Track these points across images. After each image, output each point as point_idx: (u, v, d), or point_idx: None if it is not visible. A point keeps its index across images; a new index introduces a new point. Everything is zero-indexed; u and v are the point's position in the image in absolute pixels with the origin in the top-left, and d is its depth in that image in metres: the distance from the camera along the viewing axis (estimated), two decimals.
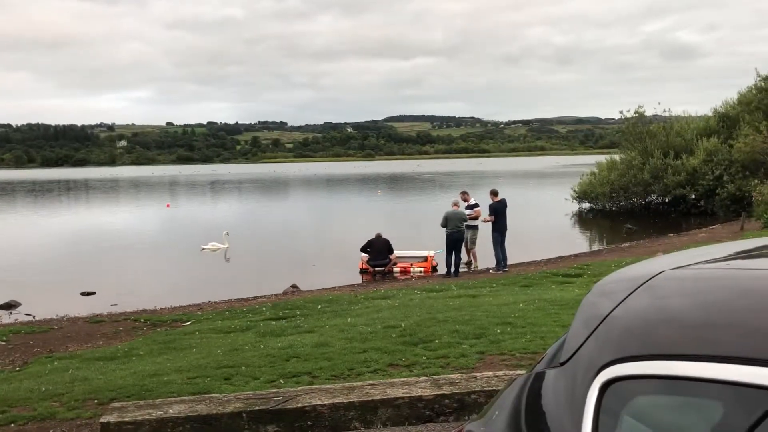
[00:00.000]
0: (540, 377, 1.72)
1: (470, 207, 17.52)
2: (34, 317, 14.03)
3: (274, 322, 10.15)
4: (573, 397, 1.45)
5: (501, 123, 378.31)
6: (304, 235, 28.69)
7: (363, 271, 18.07)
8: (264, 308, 11.87)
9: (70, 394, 5.96)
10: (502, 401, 1.85)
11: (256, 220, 36.19)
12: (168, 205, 47.73)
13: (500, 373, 3.65)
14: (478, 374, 4.06)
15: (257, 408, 3.54)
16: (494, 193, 16.56)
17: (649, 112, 34.47)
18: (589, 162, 47.91)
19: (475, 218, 17.34)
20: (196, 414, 3.40)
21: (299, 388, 4.04)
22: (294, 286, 16.09)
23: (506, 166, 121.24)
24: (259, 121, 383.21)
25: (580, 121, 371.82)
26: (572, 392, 1.47)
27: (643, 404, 1.30)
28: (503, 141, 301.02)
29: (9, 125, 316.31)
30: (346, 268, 18.71)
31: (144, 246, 26.21)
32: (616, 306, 1.45)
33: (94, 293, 16.60)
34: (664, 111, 35.34)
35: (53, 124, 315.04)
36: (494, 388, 3.74)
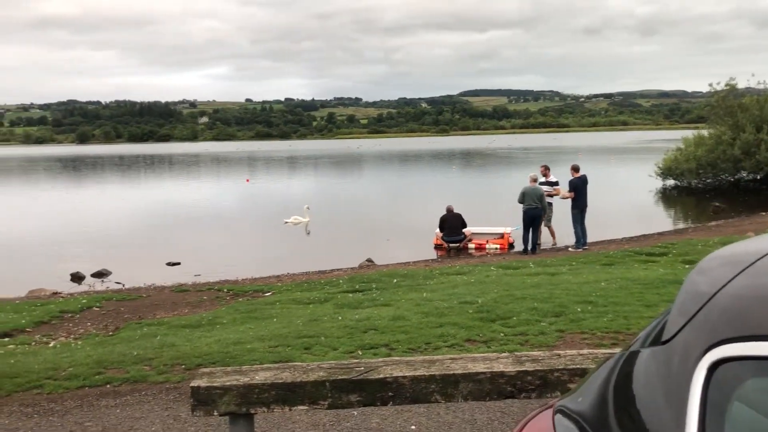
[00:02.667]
0: (634, 356, 1.65)
1: (550, 184, 17.08)
2: (123, 285, 14.73)
3: (351, 295, 10.29)
4: (673, 378, 1.39)
5: (581, 96, 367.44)
6: (379, 210, 28.85)
7: (437, 247, 18.03)
8: (341, 281, 12.04)
9: (159, 358, 6.23)
10: (594, 380, 1.80)
11: (333, 194, 36.64)
12: (248, 180, 48.97)
13: (584, 351, 3.56)
14: (561, 352, 3.96)
15: (340, 377, 3.56)
16: (575, 169, 16.12)
17: (741, 85, 32.61)
18: (674, 137, 45.94)
19: (554, 196, 16.91)
20: (281, 381, 3.46)
21: (380, 360, 4.04)
22: (369, 260, 16.23)
23: (586, 141, 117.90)
24: (335, 97, 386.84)
25: (664, 94, 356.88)
26: (673, 372, 1.40)
27: (757, 387, 1.23)
28: (583, 115, 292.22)
29: (98, 102, 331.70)
30: (420, 243, 18.71)
31: (225, 219, 27.01)
32: (729, 282, 1.37)
33: (178, 263, 17.26)
34: (759, 83, 33.34)
35: (139, 100, 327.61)
36: (578, 366, 3.65)
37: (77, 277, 16.06)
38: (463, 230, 17.60)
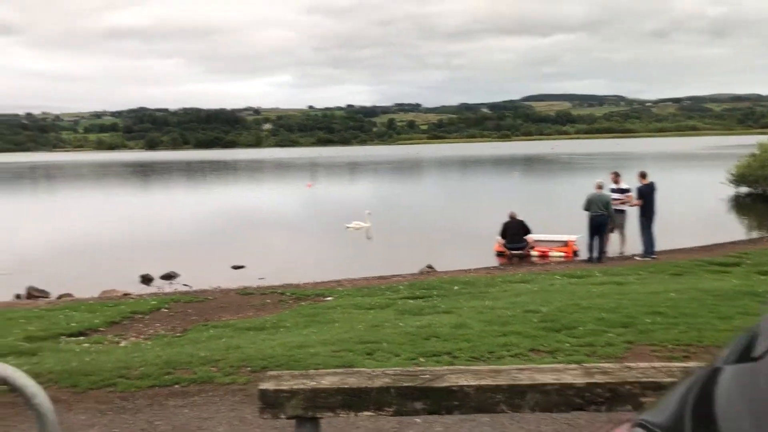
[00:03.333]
0: (717, 373, 1.58)
1: (621, 191, 16.57)
2: (190, 287, 15.12)
3: (411, 301, 10.27)
4: (763, 400, 1.32)
5: (648, 101, 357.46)
6: (439, 216, 28.75)
7: (499, 254, 17.83)
8: (401, 287, 12.04)
9: (225, 360, 6.36)
10: (674, 396, 1.73)
11: (393, 200, 36.74)
12: (309, 185, 49.63)
13: (657, 364, 3.45)
14: (632, 364, 3.85)
15: (405, 384, 3.55)
16: (643, 176, 15.68)
17: None
18: (748, 143, 44.13)
19: (625, 203, 16.36)
20: (347, 386, 3.47)
21: (445, 368, 4.00)
22: (429, 267, 16.18)
23: (652, 147, 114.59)
24: (395, 103, 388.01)
25: (737, 98, 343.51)
26: (763, 393, 1.33)
27: None
28: (650, 120, 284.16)
29: (167, 110, 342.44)
30: (481, 250, 18.54)
31: (287, 223, 27.45)
32: None
33: (243, 267, 17.61)
34: None
35: (205, 108, 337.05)
36: (650, 379, 3.54)
37: (147, 279, 16.57)
38: (526, 237, 17.36)
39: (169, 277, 16.70)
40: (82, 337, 9.18)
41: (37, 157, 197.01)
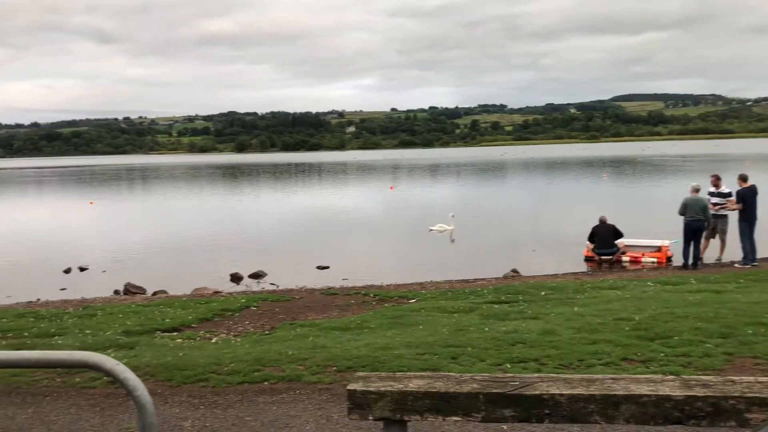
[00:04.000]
0: None
1: (722, 195, 15.72)
2: (277, 286, 15.49)
3: (496, 306, 10.12)
4: None
5: (748, 100, 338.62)
6: (524, 219, 28.25)
7: (588, 259, 17.32)
8: (485, 291, 11.89)
9: (312, 359, 6.46)
10: None
11: (477, 203, 36.41)
12: (391, 188, 49.90)
13: (763, 379, 3.24)
14: (735, 378, 3.64)
15: (494, 391, 3.48)
16: (743, 179, 14.85)
17: None
18: None
19: (726, 208, 15.49)
20: (434, 390, 3.44)
21: (535, 375, 3.91)
22: (514, 271, 15.92)
23: (753, 149, 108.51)
24: (479, 105, 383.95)
25: None
26: None
27: None
28: (750, 120, 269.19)
29: (255, 113, 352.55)
30: (568, 255, 18.08)
31: (370, 225, 27.68)
32: None
33: (327, 267, 17.89)
34: None
35: (291, 111, 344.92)
36: (756, 395, 3.33)
37: (236, 278, 17.10)
38: (616, 242, 16.79)
39: (257, 276, 17.17)
40: (175, 333, 9.56)
41: (134, 159, 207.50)
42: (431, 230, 23.66)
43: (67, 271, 18.89)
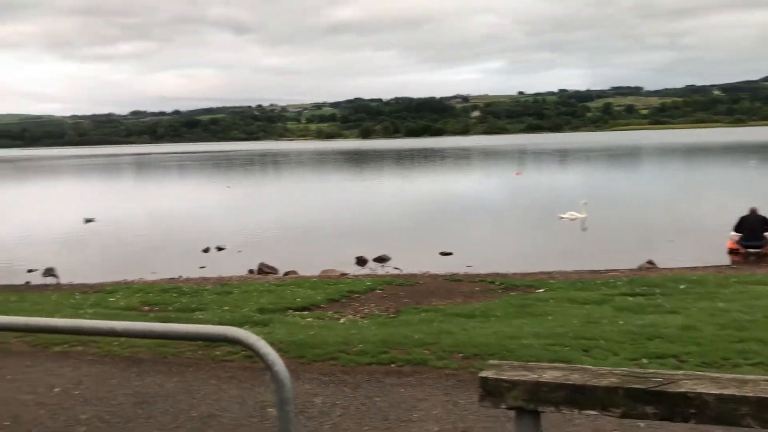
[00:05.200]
0: None
1: None
2: (401, 271, 15.64)
3: (630, 298, 9.66)
4: None
5: None
6: (661, 208, 26.74)
7: (732, 252, 16.13)
8: (619, 282, 11.38)
9: (437, 344, 6.46)
10: None
11: (609, 190, 34.93)
12: (518, 173, 48.93)
13: None
14: None
15: (635, 386, 3.28)
16: None
17: None
18: None
19: None
20: (570, 383, 3.28)
21: (680, 372, 3.65)
22: (650, 262, 15.12)
23: None
24: (612, 87, 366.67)
25: None
26: None
27: None
28: None
29: (380, 99, 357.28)
30: (709, 247, 16.94)
31: (495, 211, 27.30)
32: None
33: (451, 253, 17.84)
34: None
35: (415, 97, 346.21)
36: None
37: (361, 261, 17.46)
38: (766, 234, 15.51)
39: (381, 260, 17.43)
40: (306, 312, 9.91)
41: (266, 145, 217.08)
42: (562, 218, 22.97)
43: (206, 250, 20.09)
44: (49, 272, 16.05)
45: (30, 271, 17.30)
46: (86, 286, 14.39)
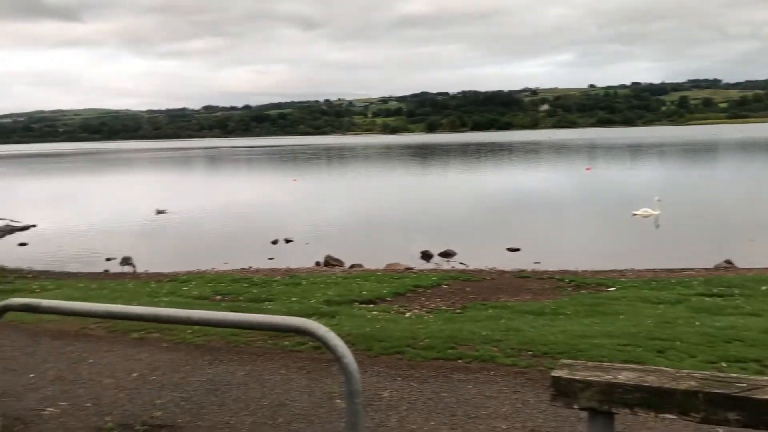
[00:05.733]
0: None
1: None
2: (467, 266, 15.53)
3: (708, 299, 9.28)
4: None
5: None
6: (740, 206, 25.61)
7: None
8: (694, 282, 10.96)
9: (505, 341, 6.37)
10: None
11: (685, 187, 33.69)
12: (588, 168, 47.78)
13: None
14: None
15: (716, 390, 3.14)
16: None
17: None
18: None
19: None
20: (646, 385, 3.18)
21: (764, 378, 3.48)
22: (728, 262, 14.52)
23: None
24: (688, 80, 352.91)
25: None
26: None
27: None
28: None
29: (447, 93, 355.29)
30: None
31: (564, 207, 26.75)
32: None
33: (518, 249, 17.59)
34: None
35: (483, 90, 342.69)
36: None
37: (426, 255, 17.43)
38: None
39: (447, 255, 17.36)
40: (371, 305, 9.96)
41: (332, 139, 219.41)
42: (635, 215, 22.32)
43: (275, 242, 20.48)
44: (126, 261, 16.71)
45: (108, 259, 18.06)
46: (161, 275, 14.91)
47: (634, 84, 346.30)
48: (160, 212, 28.81)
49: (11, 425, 4.45)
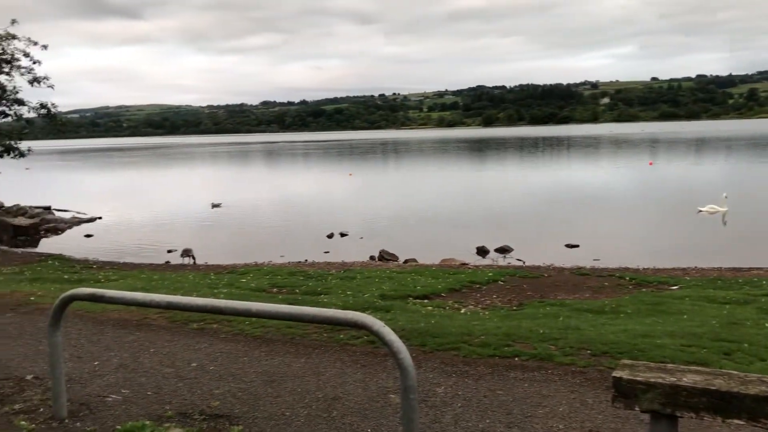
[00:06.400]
0: None
1: None
2: (524, 262, 15.31)
3: None
4: None
5: None
6: None
7: None
8: (764, 282, 10.53)
9: (563, 340, 6.24)
10: None
11: (754, 183, 32.37)
12: (650, 163, 46.52)
13: None
14: None
15: None
16: None
17: None
18: None
19: None
20: (713, 389, 3.07)
21: None
22: None
23: None
24: (758, 72, 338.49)
25: None
26: None
27: None
28: None
29: (504, 87, 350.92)
30: None
31: (625, 203, 26.08)
32: None
33: (577, 246, 17.24)
34: None
35: (541, 84, 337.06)
36: None
37: (482, 251, 17.26)
38: None
39: (503, 251, 17.14)
40: (426, 300, 9.93)
41: (387, 134, 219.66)
42: (701, 211, 21.58)
43: (330, 236, 20.64)
44: (187, 253, 17.12)
45: (169, 251, 18.55)
46: (220, 266, 15.22)
47: (699, 76, 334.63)
48: (215, 206, 29.44)
49: (77, 410, 4.61)
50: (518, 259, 15.93)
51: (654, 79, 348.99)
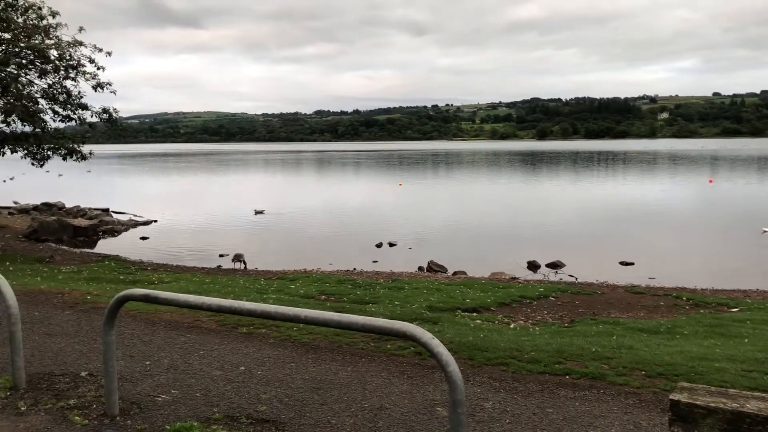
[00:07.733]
0: None
1: None
2: (576, 279, 15.00)
3: None
4: None
5: None
6: None
7: None
8: None
9: (617, 359, 6.06)
10: None
11: None
12: (711, 181, 45.13)
13: None
14: None
15: None
16: None
17: None
18: None
19: None
20: None
21: None
22: None
23: None
24: None
25: None
26: None
27: None
28: None
29: (559, 99, 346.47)
30: None
31: (683, 222, 25.34)
32: None
33: (632, 264, 16.81)
34: None
35: (597, 97, 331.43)
36: None
37: (533, 266, 16.99)
38: None
39: (555, 266, 16.85)
40: (475, 314, 9.80)
41: (438, 145, 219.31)
42: (765, 231, 20.80)
43: (379, 245, 20.66)
44: (238, 258, 17.38)
45: (221, 255, 18.86)
46: (269, 272, 15.39)
47: (764, 92, 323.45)
48: (258, 213, 29.86)
49: (128, 408, 4.68)
50: (570, 275, 15.62)
51: (716, 94, 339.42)
